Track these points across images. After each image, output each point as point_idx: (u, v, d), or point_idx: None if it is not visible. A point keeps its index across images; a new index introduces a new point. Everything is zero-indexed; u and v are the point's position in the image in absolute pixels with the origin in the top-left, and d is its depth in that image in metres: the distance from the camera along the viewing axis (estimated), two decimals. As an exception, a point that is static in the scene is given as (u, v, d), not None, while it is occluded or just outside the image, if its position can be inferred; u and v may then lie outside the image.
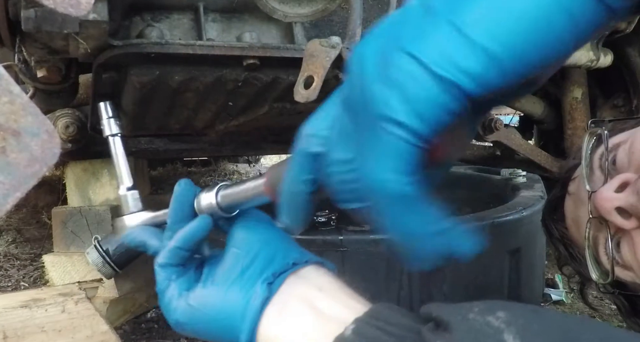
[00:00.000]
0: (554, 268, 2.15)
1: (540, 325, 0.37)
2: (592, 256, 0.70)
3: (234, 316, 0.50)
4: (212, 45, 0.92)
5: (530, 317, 0.38)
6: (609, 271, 0.67)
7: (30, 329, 1.08)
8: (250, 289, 0.50)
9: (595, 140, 0.72)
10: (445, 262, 0.40)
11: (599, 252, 0.70)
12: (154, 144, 1.55)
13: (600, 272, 0.70)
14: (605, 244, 0.67)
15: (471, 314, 0.38)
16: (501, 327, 0.36)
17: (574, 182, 0.77)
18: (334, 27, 1.12)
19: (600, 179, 0.68)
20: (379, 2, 1.20)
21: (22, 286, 1.79)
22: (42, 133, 0.40)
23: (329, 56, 0.82)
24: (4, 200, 0.39)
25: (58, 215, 1.51)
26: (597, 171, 0.70)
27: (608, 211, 0.65)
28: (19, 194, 0.39)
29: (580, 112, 2.02)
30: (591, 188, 0.68)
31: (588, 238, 0.70)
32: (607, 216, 0.65)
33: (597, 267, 0.70)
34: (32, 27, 0.74)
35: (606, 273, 0.68)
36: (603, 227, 0.67)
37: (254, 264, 0.52)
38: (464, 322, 0.38)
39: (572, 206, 0.76)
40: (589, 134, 0.72)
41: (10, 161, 0.39)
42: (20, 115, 0.39)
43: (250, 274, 0.52)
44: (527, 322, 0.37)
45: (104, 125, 0.79)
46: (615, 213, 0.64)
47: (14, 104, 0.39)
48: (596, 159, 0.70)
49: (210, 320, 0.51)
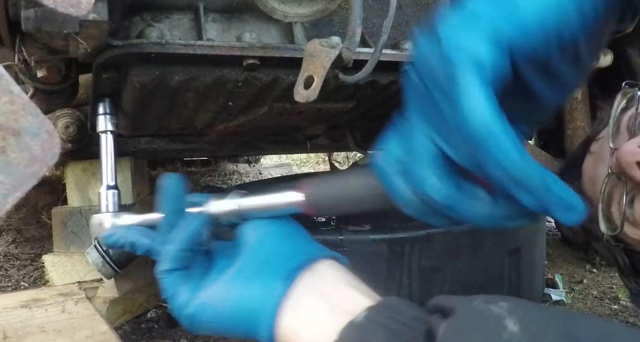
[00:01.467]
0: (554, 268, 2.15)
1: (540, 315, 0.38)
2: (603, 210, 0.73)
3: (253, 310, 0.50)
4: (212, 45, 0.92)
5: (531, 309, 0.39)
6: (618, 226, 0.69)
7: (30, 329, 1.08)
8: (269, 285, 0.50)
9: (625, 102, 0.75)
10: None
11: (611, 209, 0.73)
12: (154, 144, 1.55)
13: (609, 227, 0.73)
14: (619, 200, 0.70)
15: (475, 302, 0.40)
16: (503, 314, 0.38)
17: (597, 142, 0.79)
18: (334, 27, 1.12)
19: (625, 137, 0.71)
20: (379, 2, 1.20)
21: (22, 286, 1.79)
22: (42, 133, 0.40)
23: (329, 56, 0.82)
24: (4, 200, 0.39)
25: (58, 215, 1.51)
26: (623, 131, 0.73)
27: (629, 164, 0.67)
28: (19, 194, 0.39)
29: (580, 112, 2.02)
30: (614, 146, 0.70)
31: (603, 192, 0.72)
32: (628, 169, 0.67)
33: (607, 223, 0.73)
34: (32, 27, 0.74)
35: (615, 229, 0.71)
36: (620, 183, 0.70)
37: (272, 259, 0.53)
38: (468, 308, 0.39)
39: (592, 164, 0.78)
40: (621, 94, 0.75)
41: (10, 161, 0.39)
42: (20, 115, 0.39)
43: (269, 270, 0.52)
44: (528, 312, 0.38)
45: (98, 121, 0.79)
46: (636, 167, 0.66)
47: (14, 104, 0.39)
48: (625, 119, 0.73)
49: (228, 316, 0.51)
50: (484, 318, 0.38)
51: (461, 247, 1.21)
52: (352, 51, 0.86)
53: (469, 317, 0.39)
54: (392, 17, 0.87)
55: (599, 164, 0.75)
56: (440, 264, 1.19)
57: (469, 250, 1.22)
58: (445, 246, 1.19)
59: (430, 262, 1.18)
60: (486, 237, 1.25)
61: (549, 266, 2.15)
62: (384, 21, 0.88)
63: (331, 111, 1.20)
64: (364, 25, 0.99)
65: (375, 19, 1.17)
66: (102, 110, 0.80)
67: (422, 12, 1.26)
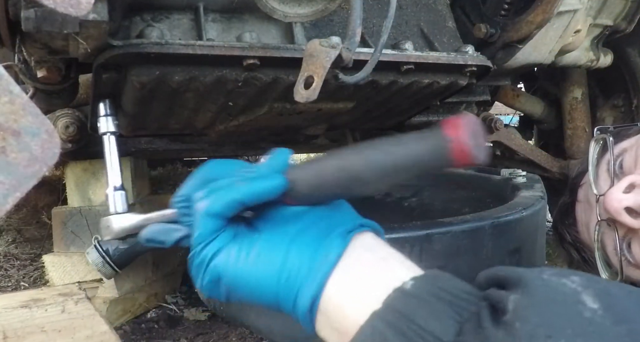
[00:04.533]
0: (554, 268, 2.15)
1: (617, 290, 0.36)
2: (602, 257, 0.72)
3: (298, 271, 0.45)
4: (212, 45, 0.92)
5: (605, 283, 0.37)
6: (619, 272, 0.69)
7: (30, 329, 1.08)
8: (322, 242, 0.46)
9: (601, 146, 0.74)
10: None
11: (609, 254, 0.72)
12: (154, 144, 1.55)
13: (610, 273, 0.72)
14: (614, 245, 0.69)
15: (545, 275, 0.37)
16: (578, 289, 0.35)
17: (582, 189, 0.79)
18: (334, 27, 1.12)
19: (607, 182, 0.70)
20: (379, 2, 1.20)
21: (22, 286, 1.79)
22: (42, 133, 0.40)
23: (329, 56, 0.82)
24: (4, 200, 0.39)
25: (58, 215, 1.51)
26: (604, 175, 0.72)
27: (617, 211, 0.66)
28: (19, 194, 0.39)
29: (580, 112, 2.02)
30: (598, 192, 0.70)
31: (597, 240, 0.71)
32: (616, 216, 0.67)
33: (608, 269, 0.73)
34: (32, 27, 0.74)
35: (616, 273, 0.70)
36: (611, 229, 0.69)
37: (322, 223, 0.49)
38: (539, 280, 0.37)
39: (583, 212, 0.78)
40: (594, 141, 0.75)
41: (10, 161, 0.39)
42: (20, 115, 0.39)
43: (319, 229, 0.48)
44: (604, 286, 0.36)
45: (100, 123, 0.79)
46: (624, 213, 0.66)
47: (14, 104, 0.39)
48: (603, 164, 0.73)
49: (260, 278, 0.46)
50: (559, 293, 0.35)
51: (461, 247, 1.21)
52: (352, 51, 0.86)
53: (542, 289, 0.36)
54: (392, 17, 0.87)
55: (589, 212, 0.75)
56: (440, 264, 1.19)
57: (469, 250, 1.21)
58: (445, 246, 1.19)
59: (430, 262, 1.18)
60: (486, 237, 1.25)
61: (549, 266, 2.15)
62: (384, 21, 0.88)
63: (331, 111, 1.20)
64: (364, 25, 0.99)
65: (375, 19, 1.17)
66: (103, 112, 0.80)
67: (422, 12, 1.26)
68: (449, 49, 1.21)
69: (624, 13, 1.68)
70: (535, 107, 2.18)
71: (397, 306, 0.40)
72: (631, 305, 0.34)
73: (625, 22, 1.70)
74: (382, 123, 1.55)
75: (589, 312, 0.34)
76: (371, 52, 0.95)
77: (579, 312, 0.34)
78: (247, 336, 1.44)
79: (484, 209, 1.42)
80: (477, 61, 1.19)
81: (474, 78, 1.25)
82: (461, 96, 1.59)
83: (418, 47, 1.18)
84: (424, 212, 1.86)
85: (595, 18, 1.64)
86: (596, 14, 1.63)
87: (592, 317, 0.33)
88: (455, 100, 1.59)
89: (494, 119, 1.82)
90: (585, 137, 2.03)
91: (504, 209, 1.37)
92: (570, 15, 1.38)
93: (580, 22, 1.48)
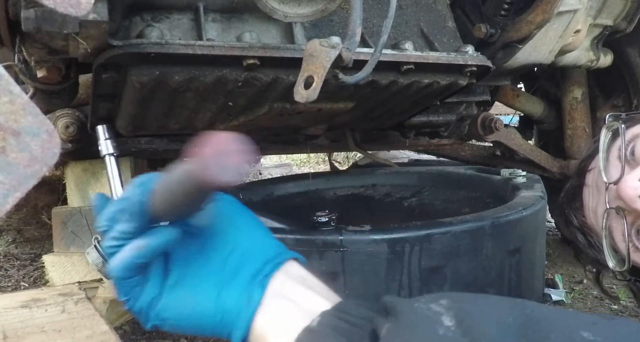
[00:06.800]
0: (554, 268, 2.15)
1: (477, 308, 0.42)
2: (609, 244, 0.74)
3: (229, 313, 0.53)
4: (212, 45, 0.92)
5: (471, 303, 0.43)
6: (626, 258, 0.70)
7: (30, 329, 1.08)
8: (247, 291, 0.53)
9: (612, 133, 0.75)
10: None
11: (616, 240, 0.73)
12: (154, 144, 1.55)
13: (617, 260, 0.74)
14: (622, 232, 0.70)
15: (417, 303, 0.44)
16: (441, 311, 0.42)
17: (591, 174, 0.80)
18: (334, 27, 1.12)
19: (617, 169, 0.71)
20: (379, 2, 1.20)
21: (22, 286, 1.79)
22: (42, 133, 0.40)
23: (329, 56, 0.82)
24: (4, 200, 0.39)
25: (58, 215, 1.50)
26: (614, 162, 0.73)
27: (632, 199, 0.68)
28: (19, 194, 0.39)
29: (580, 112, 2.02)
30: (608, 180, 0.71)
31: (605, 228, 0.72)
32: (631, 204, 0.69)
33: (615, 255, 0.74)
34: (32, 27, 0.74)
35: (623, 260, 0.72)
36: (620, 216, 0.70)
37: (245, 263, 0.55)
38: (409, 308, 0.44)
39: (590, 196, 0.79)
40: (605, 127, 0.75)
41: (10, 161, 0.39)
42: (20, 115, 0.39)
43: (245, 273, 0.54)
44: (465, 306, 0.42)
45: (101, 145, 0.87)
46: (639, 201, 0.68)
47: (14, 104, 0.39)
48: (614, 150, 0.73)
49: (199, 317, 0.54)
50: (422, 317, 0.42)
51: (461, 247, 1.21)
52: (352, 51, 0.86)
53: (409, 316, 0.43)
54: (392, 17, 0.87)
55: (598, 197, 0.76)
56: (440, 264, 1.19)
57: (469, 250, 1.21)
58: (445, 246, 1.19)
59: (430, 262, 1.18)
60: (486, 237, 1.25)
61: (549, 266, 2.15)
62: (384, 21, 0.88)
63: (331, 111, 1.20)
64: (364, 25, 0.99)
65: (375, 19, 1.17)
66: (102, 137, 0.87)
67: (422, 12, 1.26)
68: (449, 49, 1.21)
69: (624, 13, 1.68)
70: (535, 107, 2.18)
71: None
72: (485, 322, 0.40)
73: (625, 22, 1.70)
74: (382, 123, 1.55)
75: (442, 330, 0.40)
76: (371, 52, 0.95)
77: (435, 331, 0.40)
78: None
79: (484, 209, 1.42)
80: (477, 61, 1.19)
81: (474, 78, 1.25)
82: (461, 96, 1.59)
83: (418, 47, 1.18)
84: (424, 212, 1.86)
85: (595, 18, 1.64)
86: (596, 14, 1.63)
87: (445, 333, 0.40)
88: (455, 100, 1.59)
89: (494, 119, 1.81)
90: (585, 137, 2.03)
91: (504, 209, 1.37)
92: (570, 15, 1.38)
93: (580, 22, 1.48)
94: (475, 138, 1.92)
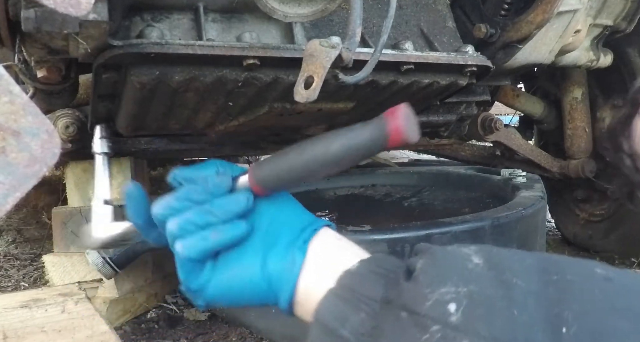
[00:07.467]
0: (554, 268, 2.15)
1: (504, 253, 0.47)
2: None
3: (275, 279, 0.57)
4: (212, 45, 0.92)
5: (500, 251, 0.48)
6: None
7: (30, 329, 1.08)
8: (291, 257, 0.57)
9: None
10: None
11: None
12: (154, 144, 1.55)
13: None
14: None
15: (449, 247, 0.49)
16: (470, 252, 0.47)
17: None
18: (334, 27, 1.12)
19: None
20: (379, 2, 1.20)
21: (22, 286, 1.79)
22: (42, 133, 0.40)
23: (329, 56, 0.82)
24: (4, 200, 0.39)
25: (58, 215, 1.50)
26: None
27: None
28: (19, 194, 0.39)
29: (580, 112, 2.02)
30: None
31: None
32: None
33: None
34: (32, 27, 0.74)
35: None
36: None
37: (284, 233, 0.59)
38: (441, 249, 0.49)
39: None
40: None
41: (10, 161, 0.39)
42: (20, 115, 0.39)
43: (284, 242, 0.58)
44: (495, 251, 0.47)
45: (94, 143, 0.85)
46: None
47: (14, 104, 0.39)
48: None
49: (247, 290, 0.57)
50: (454, 255, 0.47)
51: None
52: (352, 51, 0.86)
53: (442, 254, 0.48)
54: (392, 17, 0.88)
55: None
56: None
57: (469, 250, 1.22)
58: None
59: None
60: (486, 237, 1.25)
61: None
62: (384, 21, 0.88)
63: (331, 111, 1.20)
64: (364, 25, 0.99)
65: (375, 19, 1.17)
66: (99, 135, 0.87)
67: (422, 12, 1.26)
68: (449, 49, 1.21)
69: (624, 13, 1.68)
70: (535, 107, 2.18)
71: (344, 282, 0.52)
72: (509, 260, 0.45)
73: (625, 22, 1.70)
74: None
75: (472, 265, 0.45)
76: (371, 52, 0.95)
77: (465, 265, 0.45)
78: (247, 336, 1.44)
79: (484, 209, 1.43)
80: (477, 61, 1.19)
81: (473, 78, 1.25)
82: (461, 96, 1.59)
83: (418, 47, 1.18)
84: (424, 212, 1.86)
85: (595, 18, 1.64)
86: (596, 14, 1.63)
87: (474, 268, 0.45)
88: (455, 100, 1.59)
89: (494, 119, 1.81)
90: (585, 137, 2.03)
91: (504, 209, 1.37)
92: (570, 15, 1.38)
93: (580, 22, 1.48)
94: (475, 138, 1.91)
